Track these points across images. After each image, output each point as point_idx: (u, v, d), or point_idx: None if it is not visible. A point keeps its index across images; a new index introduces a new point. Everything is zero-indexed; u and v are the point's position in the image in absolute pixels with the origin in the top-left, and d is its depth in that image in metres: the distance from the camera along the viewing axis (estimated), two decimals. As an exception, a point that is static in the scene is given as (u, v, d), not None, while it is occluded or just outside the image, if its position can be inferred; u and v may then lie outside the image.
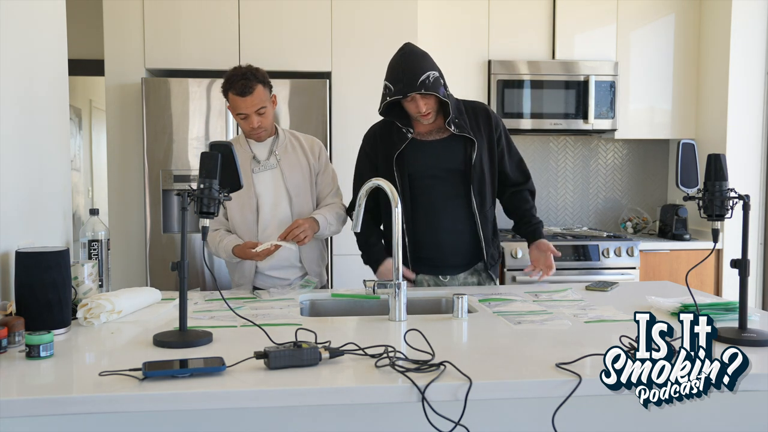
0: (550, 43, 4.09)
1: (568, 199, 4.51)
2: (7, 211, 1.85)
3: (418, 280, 2.48)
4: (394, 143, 2.40)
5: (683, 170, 1.75)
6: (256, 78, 2.40)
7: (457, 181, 2.40)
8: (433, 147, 2.40)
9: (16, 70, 1.94)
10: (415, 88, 2.26)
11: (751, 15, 3.95)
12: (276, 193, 2.53)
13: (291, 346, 1.46)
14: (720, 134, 4.01)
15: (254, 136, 2.52)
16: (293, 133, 2.63)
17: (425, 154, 2.39)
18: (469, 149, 2.38)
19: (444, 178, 2.39)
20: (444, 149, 2.40)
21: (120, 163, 3.65)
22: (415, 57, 2.32)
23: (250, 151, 2.53)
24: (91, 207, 3.97)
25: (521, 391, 1.39)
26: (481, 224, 2.42)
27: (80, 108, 6.50)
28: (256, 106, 2.41)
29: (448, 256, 2.46)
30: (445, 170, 2.40)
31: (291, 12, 3.68)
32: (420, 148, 2.40)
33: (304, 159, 2.57)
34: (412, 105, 2.32)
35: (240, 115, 2.44)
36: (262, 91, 2.41)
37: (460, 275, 2.48)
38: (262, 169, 2.53)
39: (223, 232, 2.52)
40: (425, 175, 2.40)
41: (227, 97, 2.46)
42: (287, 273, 2.55)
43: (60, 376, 1.44)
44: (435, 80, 2.29)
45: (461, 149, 2.39)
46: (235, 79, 2.39)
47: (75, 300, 1.90)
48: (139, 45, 3.61)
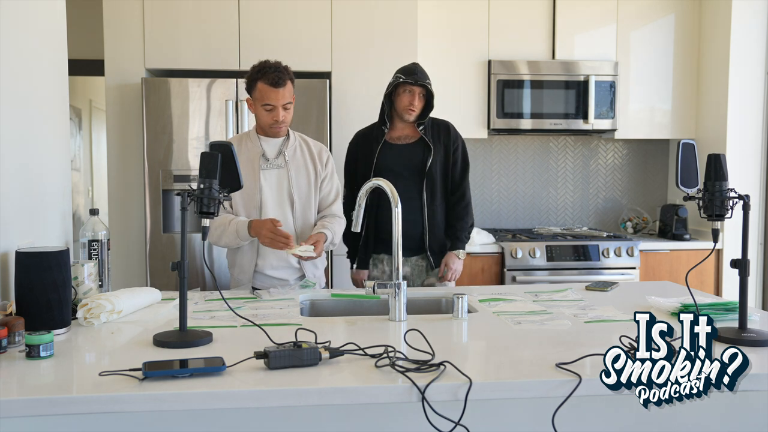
0: (550, 43, 4.09)
1: (568, 199, 4.51)
2: (7, 211, 1.85)
3: (379, 257, 2.94)
4: (373, 141, 2.91)
5: (683, 170, 1.75)
6: (287, 73, 2.48)
7: (415, 179, 2.86)
8: (399, 149, 2.89)
9: (16, 70, 1.94)
10: (424, 82, 2.80)
11: (751, 15, 3.95)
12: (279, 193, 2.54)
13: (291, 346, 1.46)
14: (720, 134, 4.01)
15: (274, 131, 2.53)
16: (303, 137, 2.66)
17: (393, 153, 2.88)
18: (426, 154, 2.85)
19: (405, 176, 2.84)
20: (408, 152, 2.88)
21: (120, 163, 3.65)
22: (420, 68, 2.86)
23: (261, 147, 2.54)
24: (91, 207, 3.97)
25: (521, 391, 1.39)
26: (428, 217, 2.86)
27: (80, 108, 6.50)
28: (285, 99, 2.47)
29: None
30: (406, 169, 2.86)
31: (291, 12, 3.68)
32: (391, 147, 2.89)
33: (311, 164, 2.59)
34: (409, 98, 2.81)
35: (266, 106, 2.46)
36: (290, 87, 2.50)
37: (413, 258, 2.92)
38: (270, 167, 2.54)
39: (226, 215, 2.48)
40: (391, 171, 2.82)
41: (254, 87, 2.47)
42: (285, 273, 2.56)
43: (60, 376, 1.44)
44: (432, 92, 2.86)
45: (421, 154, 2.87)
46: (268, 70, 2.44)
47: (75, 300, 1.90)
48: (139, 45, 3.61)
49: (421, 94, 2.82)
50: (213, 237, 2.49)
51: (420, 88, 2.80)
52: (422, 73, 2.82)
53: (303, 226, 2.56)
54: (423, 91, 2.82)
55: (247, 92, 2.53)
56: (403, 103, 2.82)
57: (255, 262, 2.52)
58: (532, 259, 3.75)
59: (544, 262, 3.78)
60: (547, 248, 3.81)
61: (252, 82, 2.48)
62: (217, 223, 2.45)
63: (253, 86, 2.48)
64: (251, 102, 2.52)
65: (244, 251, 2.53)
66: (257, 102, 2.48)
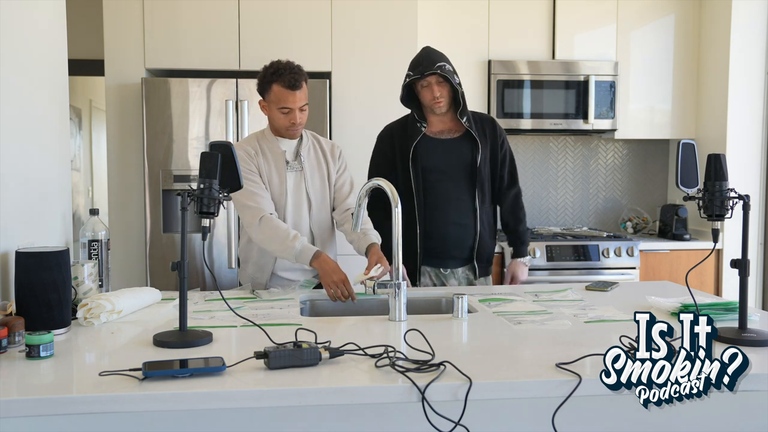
0: (550, 43, 4.09)
1: (568, 199, 4.51)
2: (7, 211, 1.85)
3: (421, 270, 2.63)
4: (410, 137, 2.61)
5: (683, 170, 1.75)
6: (302, 74, 2.40)
7: (463, 178, 2.59)
8: (444, 144, 2.60)
9: (16, 70, 1.94)
10: (432, 69, 2.48)
11: (751, 15, 3.95)
12: (297, 195, 2.49)
13: (291, 346, 1.46)
14: (720, 134, 4.01)
15: (290, 133, 2.45)
16: (315, 136, 2.61)
17: (437, 150, 2.60)
18: (475, 151, 2.58)
19: (452, 175, 2.58)
20: (454, 147, 2.60)
21: (120, 163, 3.65)
22: (434, 50, 2.58)
23: (282, 149, 2.48)
24: (91, 207, 3.97)
25: (521, 391, 1.39)
26: (480, 221, 2.61)
27: (80, 108, 6.50)
28: (302, 101, 2.40)
29: (452, 248, 2.62)
30: (454, 167, 2.59)
31: (291, 12, 3.68)
32: (433, 144, 2.60)
33: (324, 164, 2.55)
34: (428, 91, 2.53)
35: (283, 109, 2.38)
36: (306, 89, 2.42)
37: (459, 269, 2.64)
38: (290, 169, 2.48)
39: (288, 227, 2.35)
40: (437, 170, 2.58)
41: (268, 89, 2.38)
42: (299, 275, 2.51)
43: (60, 376, 1.44)
44: (450, 71, 2.53)
45: (468, 149, 2.59)
46: (284, 72, 2.35)
47: (75, 300, 1.90)
48: (139, 45, 3.61)
49: (438, 81, 2.52)
50: (262, 237, 2.34)
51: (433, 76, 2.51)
52: (428, 60, 2.52)
53: (318, 226, 2.53)
54: (438, 78, 2.52)
55: (260, 94, 2.45)
56: (426, 99, 2.57)
57: (274, 263, 2.48)
58: (532, 259, 3.75)
59: (544, 262, 3.78)
60: (547, 248, 3.81)
61: (266, 84, 2.39)
62: (274, 225, 2.33)
63: (268, 88, 2.39)
64: (264, 104, 2.44)
65: (264, 251, 2.45)
66: (272, 105, 2.40)
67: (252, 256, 2.52)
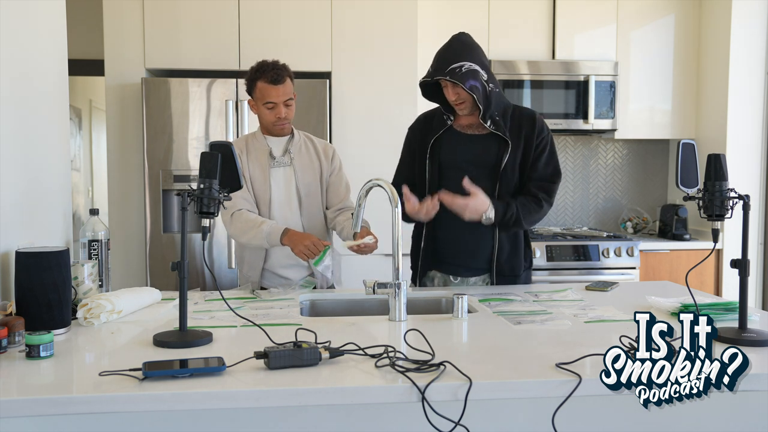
0: (550, 43, 4.09)
1: (568, 199, 4.51)
2: (7, 211, 1.85)
3: (429, 274, 2.49)
4: (433, 129, 2.42)
5: (683, 170, 1.75)
6: (285, 71, 2.48)
7: (485, 178, 2.32)
8: (469, 140, 2.38)
9: (16, 70, 1.94)
10: (442, 74, 2.26)
11: (751, 15, 3.95)
12: (287, 190, 2.54)
13: (291, 346, 1.46)
14: (720, 134, 4.01)
15: (278, 128, 2.52)
16: (308, 136, 2.66)
17: (460, 145, 2.38)
18: (503, 150, 2.34)
19: (471, 173, 2.28)
20: (479, 144, 2.36)
21: (120, 163, 3.65)
22: (457, 46, 2.31)
23: (267, 146, 2.55)
24: (91, 207, 3.97)
25: (521, 391, 1.39)
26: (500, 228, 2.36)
27: (80, 108, 6.50)
28: (286, 96, 2.47)
29: (462, 255, 2.42)
30: (475, 165, 2.34)
31: (291, 12, 3.68)
32: (457, 138, 2.39)
33: (316, 161, 2.59)
34: (447, 92, 2.32)
35: (268, 104, 2.47)
36: (290, 84, 2.50)
37: (471, 279, 2.42)
38: (277, 165, 2.54)
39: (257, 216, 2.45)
40: (455, 166, 2.35)
41: (254, 87, 2.48)
42: (294, 272, 2.54)
43: (60, 376, 1.44)
44: (468, 72, 2.25)
45: (495, 148, 2.35)
46: (266, 69, 2.45)
47: (75, 300, 1.90)
48: (139, 45, 3.61)
49: (453, 84, 2.27)
50: (234, 230, 2.43)
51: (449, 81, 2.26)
52: (442, 60, 2.27)
53: (310, 222, 2.55)
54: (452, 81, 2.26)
55: (248, 93, 2.53)
56: (449, 99, 2.34)
57: (264, 259, 2.52)
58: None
59: (544, 262, 3.78)
60: (547, 248, 3.81)
61: (251, 83, 2.48)
62: (244, 218, 2.41)
63: (253, 86, 2.48)
64: (253, 103, 2.53)
65: (255, 249, 2.52)
66: (258, 102, 2.49)
67: (245, 255, 2.57)
